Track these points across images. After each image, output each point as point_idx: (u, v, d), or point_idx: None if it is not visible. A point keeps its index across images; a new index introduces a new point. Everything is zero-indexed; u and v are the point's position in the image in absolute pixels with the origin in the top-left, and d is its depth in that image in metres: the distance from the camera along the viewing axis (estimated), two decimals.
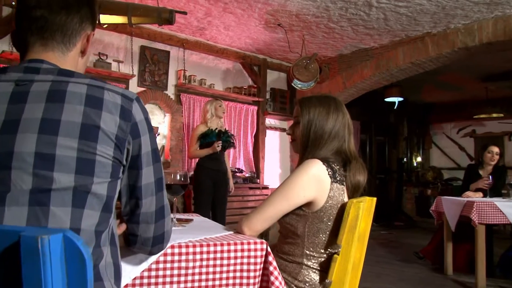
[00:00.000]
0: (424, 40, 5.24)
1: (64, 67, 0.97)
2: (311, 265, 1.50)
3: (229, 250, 1.25)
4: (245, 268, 1.26)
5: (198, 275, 1.21)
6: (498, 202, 3.75)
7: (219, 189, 4.56)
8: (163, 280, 1.18)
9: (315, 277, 1.50)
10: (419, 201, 9.57)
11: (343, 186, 1.51)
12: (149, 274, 1.16)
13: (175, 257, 1.19)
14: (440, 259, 4.40)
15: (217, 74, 6.08)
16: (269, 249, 1.30)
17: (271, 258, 1.30)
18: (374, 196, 1.77)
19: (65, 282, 0.58)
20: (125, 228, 1.04)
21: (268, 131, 6.67)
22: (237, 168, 6.01)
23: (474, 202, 3.72)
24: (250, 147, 6.40)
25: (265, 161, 6.50)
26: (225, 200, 4.68)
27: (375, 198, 1.76)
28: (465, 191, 4.41)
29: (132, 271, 1.13)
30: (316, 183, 1.46)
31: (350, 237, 1.46)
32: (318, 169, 1.47)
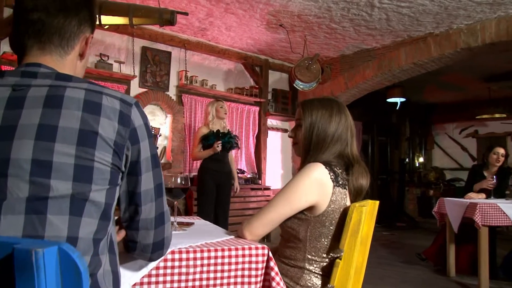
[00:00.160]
0: (427, 41, 5.22)
1: (63, 71, 0.96)
2: (313, 270, 1.48)
3: (230, 256, 1.23)
4: (246, 274, 1.25)
5: (199, 280, 1.20)
6: (501, 204, 3.72)
7: (222, 190, 4.54)
8: (163, 286, 1.16)
9: (317, 282, 1.48)
10: (421, 202, 9.54)
11: (345, 190, 1.50)
12: (149, 280, 1.15)
13: (175, 263, 1.17)
14: (443, 261, 4.38)
15: (218, 74, 6.06)
16: (270, 254, 1.29)
17: (272, 263, 1.28)
18: (376, 196, 1.75)
19: None
20: (124, 234, 1.02)
21: (270, 132, 6.66)
22: (238, 169, 6.00)
23: (477, 204, 3.69)
24: (252, 148, 6.38)
25: (267, 162, 6.48)
26: (228, 200, 4.65)
27: (377, 202, 1.74)
28: (468, 191, 4.38)
29: (132, 277, 1.11)
30: (318, 187, 1.44)
31: (353, 241, 1.44)
32: (320, 173, 1.45)
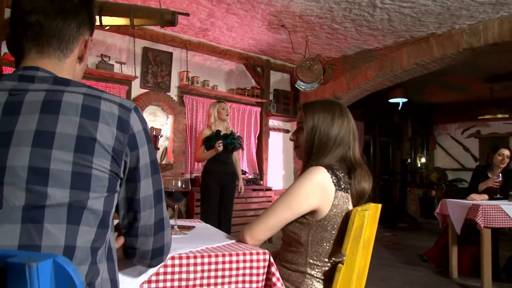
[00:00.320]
0: (429, 41, 5.20)
1: (61, 74, 0.94)
2: (315, 274, 1.47)
3: (231, 261, 1.22)
4: (247, 280, 1.23)
5: (199, 286, 1.18)
6: (504, 205, 3.70)
7: (225, 191, 4.52)
8: None
9: (319, 286, 1.46)
10: (423, 202, 9.52)
11: (347, 194, 1.48)
12: (149, 286, 1.14)
13: (175, 269, 1.16)
14: (445, 262, 4.36)
15: (220, 75, 6.05)
16: (272, 260, 1.27)
17: (274, 269, 1.26)
18: (378, 197, 1.73)
19: None
20: (123, 241, 1.01)
21: (272, 133, 6.64)
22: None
23: (480, 206, 3.67)
24: (254, 149, 6.37)
25: (268, 162, 6.47)
26: (231, 201, 4.62)
27: (379, 205, 1.72)
28: (472, 192, 4.36)
29: (132, 283, 1.10)
30: (320, 191, 1.42)
31: (355, 246, 1.42)
32: (322, 177, 1.43)
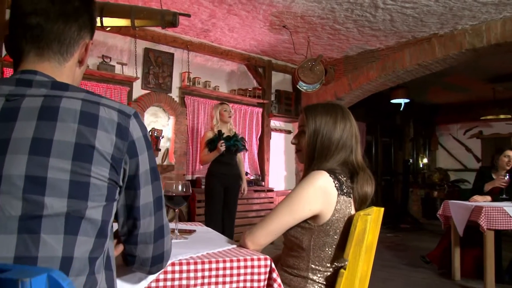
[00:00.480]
0: (431, 42, 5.18)
1: (60, 78, 0.92)
2: (317, 280, 1.45)
3: (232, 267, 1.20)
4: (248, 286, 1.22)
5: None
6: (507, 207, 3.67)
7: (229, 192, 4.51)
8: None
9: None
10: (425, 203, 9.49)
11: (350, 198, 1.46)
12: None
13: (175, 275, 1.14)
14: (447, 264, 4.34)
15: (221, 76, 6.04)
16: (273, 266, 1.26)
17: (275, 275, 1.25)
18: (380, 198, 1.71)
19: None
20: (122, 249, 0.99)
21: (273, 133, 6.63)
22: None
23: (483, 207, 3.65)
24: (255, 150, 6.36)
25: (270, 163, 6.45)
26: (234, 202, 4.60)
27: (382, 209, 1.70)
28: (476, 193, 4.33)
29: None
30: (322, 195, 1.40)
31: (357, 251, 1.41)
32: (324, 181, 1.41)
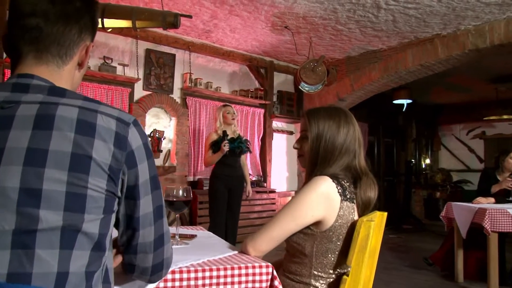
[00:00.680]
0: (434, 42, 5.16)
1: (59, 82, 0.89)
2: (319, 286, 1.42)
3: (233, 275, 1.18)
4: None
5: None
6: (511, 210, 3.65)
7: (233, 194, 4.49)
8: None
9: None
10: (428, 204, 9.45)
11: (353, 204, 1.44)
12: None
13: (175, 283, 1.12)
14: (450, 266, 4.31)
15: (223, 77, 6.03)
16: (275, 273, 1.24)
17: (277, 282, 1.23)
18: (382, 198, 1.69)
19: None
20: (121, 260, 0.96)
21: (275, 134, 6.61)
22: None
23: (486, 210, 3.62)
24: (257, 151, 6.34)
25: (272, 164, 6.44)
26: (238, 204, 4.57)
27: (385, 213, 1.68)
28: (481, 195, 4.31)
29: None
30: (325, 201, 1.38)
31: (360, 257, 1.39)
32: (327, 187, 1.39)
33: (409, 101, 7.74)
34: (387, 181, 9.56)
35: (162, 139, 5.24)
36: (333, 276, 1.44)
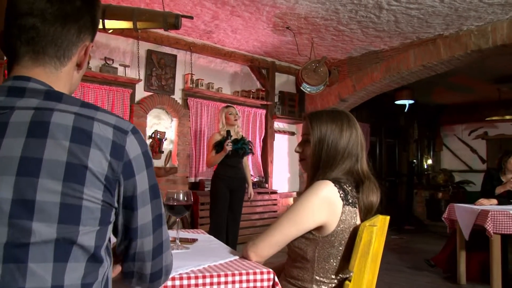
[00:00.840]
0: (436, 42, 5.13)
1: (57, 84, 0.86)
2: None
3: (234, 281, 1.17)
4: None
5: None
6: None
7: (234, 196, 4.47)
8: None
9: None
10: (430, 205, 9.42)
11: (355, 208, 1.42)
12: None
13: None
14: (453, 268, 4.29)
15: (224, 77, 6.01)
16: (276, 279, 1.22)
17: None
18: (384, 199, 1.67)
19: None
20: (120, 269, 0.94)
21: (277, 135, 6.60)
22: None
23: (489, 211, 3.60)
24: (259, 151, 6.32)
25: (273, 165, 6.42)
26: (240, 205, 4.55)
27: (388, 217, 1.67)
28: (484, 196, 4.29)
29: None
30: (327, 206, 1.36)
31: (363, 262, 1.37)
32: (329, 192, 1.37)
33: (411, 101, 7.71)
34: (389, 181, 9.53)
35: (164, 140, 5.23)
36: (335, 281, 1.42)
